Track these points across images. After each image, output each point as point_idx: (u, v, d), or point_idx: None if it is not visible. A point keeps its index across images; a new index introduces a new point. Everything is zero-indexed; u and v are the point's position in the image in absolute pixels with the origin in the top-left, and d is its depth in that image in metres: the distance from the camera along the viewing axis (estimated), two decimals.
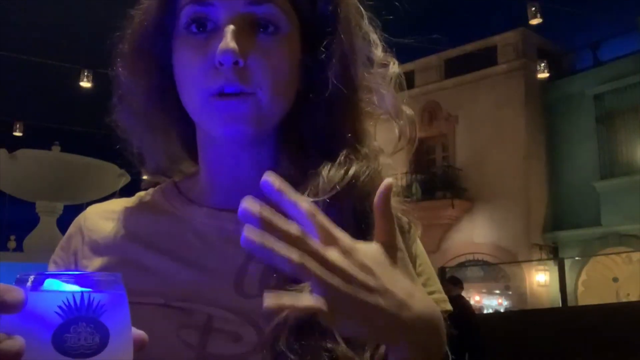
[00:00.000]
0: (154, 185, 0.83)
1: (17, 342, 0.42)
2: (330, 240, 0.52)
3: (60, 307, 0.43)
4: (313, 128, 0.73)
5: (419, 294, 0.57)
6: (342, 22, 0.73)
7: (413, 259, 0.75)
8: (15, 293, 0.43)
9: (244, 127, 0.69)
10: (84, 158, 6.59)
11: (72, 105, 14.86)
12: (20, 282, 0.45)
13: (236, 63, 0.66)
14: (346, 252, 0.52)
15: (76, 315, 0.43)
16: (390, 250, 0.56)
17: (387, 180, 0.56)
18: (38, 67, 13.06)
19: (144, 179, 0.84)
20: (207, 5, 0.68)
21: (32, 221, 6.68)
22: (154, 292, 0.67)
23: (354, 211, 0.67)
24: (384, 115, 0.77)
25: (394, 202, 0.74)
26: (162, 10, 0.73)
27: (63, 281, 0.45)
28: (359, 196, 0.69)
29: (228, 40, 0.65)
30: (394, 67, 0.77)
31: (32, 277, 0.45)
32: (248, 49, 0.67)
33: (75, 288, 0.44)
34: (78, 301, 0.44)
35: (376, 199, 0.55)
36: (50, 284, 0.45)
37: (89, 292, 0.44)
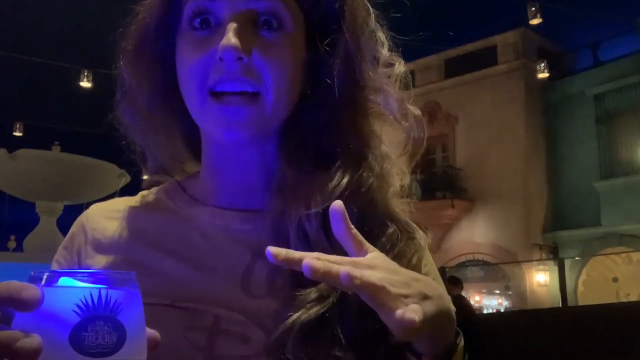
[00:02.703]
0: (156, 184, 0.83)
1: (34, 340, 0.41)
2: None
3: (77, 305, 0.43)
4: (317, 129, 0.72)
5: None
6: (347, 19, 0.71)
7: (419, 263, 0.74)
8: (31, 291, 0.43)
9: (244, 131, 0.68)
10: (84, 158, 6.57)
11: (72, 105, 14.84)
12: (35, 279, 0.44)
13: (240, 59, 0.65)
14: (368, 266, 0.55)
15: (94, 313, 0.43)
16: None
17: (335, 204, 0.57)
18: (38, 67, 13.04)
19: (145, 179, 0.84)
20: (210, 1, 0.68)
21: (32, 221, 6.66)
22: (160, 293, 0.66)
23: (358, 217, 0.66)
24: (390, 116, 0.75)
25: (400, 203, 0.74)
26: (165, 7, 0.72)
27: (78, 279, 0.44)
28: (364, 202, 0.68)
29: (230, 36, 0.65)
30: (400, 67, 0.76)
31: (46, 275, 0.44)
32: (251, 46, 0.66)
33: (92, 286, 0.44)
34: (95, 299, 0.43)
35: (333, 226, 0.57)
36: (65, 281, 0.44)
37: (106, 290, 0.44)
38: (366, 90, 0.73)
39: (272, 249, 0.52)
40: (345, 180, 0.68)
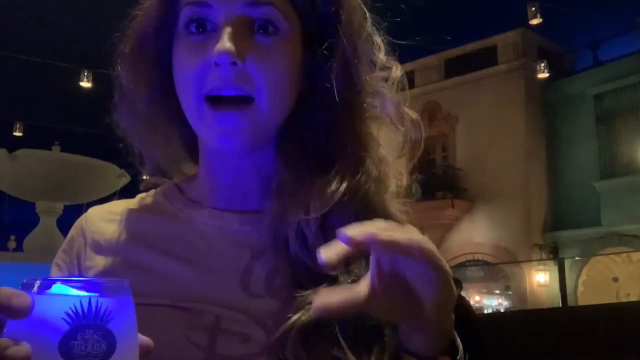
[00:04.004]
0: (154, 186, 0.83)
1: (23, 348, 0.41)
2: None
3: (67, 313, 0.43)
4: (315, 132, 0.72)
5: None
6: (344, 23, 0.72)
7: None
8: (22, 298, 0.43)
9: (239, 138, 0.68)
10: (84, 158, 6.59)
11: (72, 105, 14.85)
12: (27, 286, 0.44)
13: (234, 64, 0.65)
14: None
15: (83, 322, 0.43)
16: None
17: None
18: (38, 67, 13.04)
19: (143, 180, 0.84)
20: (205, 7, 0.68)
21: (32, 221, 6.67)
22: (160, 294, 0.66)
23: (355, 221, 0.66)
24: (387, 119, 0.76)
25: (398, 204, 0.74)
26: (162, 10, 0.73)
27: (70, 287, 0.44)
28: (361, 206, 0.69)
29: (225, 40, 0.65)
30: (397, 71, 0.76)
31: (38, 282, 0.44)
32: (246, 50, 0.66)
33: (83, 294, 0.44)
34: (85, 308, 0.43)
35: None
36: (57, 289, 0.44)
37: (96, 298, 0.44)
38: (363, 94, 0.73)
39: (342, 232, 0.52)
40: (344, 185, 0.69)
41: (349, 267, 0.65)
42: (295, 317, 0.61)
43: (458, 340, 0.62)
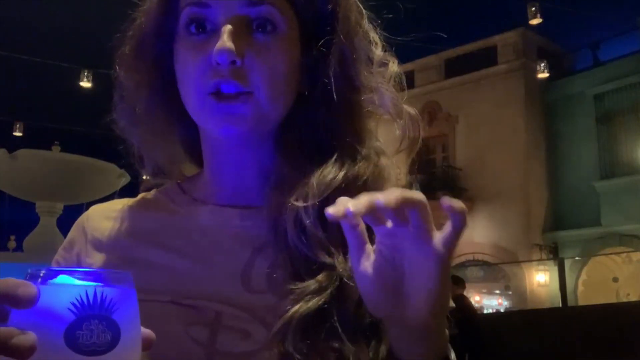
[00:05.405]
0: (154, 187, 0.83)
1: (29, 337, 0.42)
2: None
3: (73, 303, 0.43)
4: (314, 129, 0.73)
5: None
6: (341, 21, 0.73)
7: None
8: (28, 288, 0.43)
9: (241, 127, 0.69)
10: (84, 158, 6.57)
11: (72, 105, 14.86)
12: (32, 277, 0.45)
13: (233, 62, 0.66)
14: None
15: (89, 312, 0.43)
16: None
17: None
18: (38, 67, 13.05)
19: (144, 180, 0.84)
20: (205, 7, 0.69)
21: (32, 221, 6.66)
22: (161, 290, 0.67)
23: None
24: (385, 115, 0.76)
25: None
26: (162, 12, 0.73)
27: (74, 277, 0.45)
28: None
29: (225, 39, 0.66)
30: (394, 66, 0.77)
31: (43, 272, 0.45)
32: (245, 48, 0.67)
33: (88, 284, 0.44)
34: (91, 298, 0.44)
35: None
36: (61, 279, 0.44)
37: (101, 288, 0.44)
38: (361, 91, 0.74)
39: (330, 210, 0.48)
40: (342, 173, 0.69)
41: (347, 255, 0.64)
42: (294, 308, 0.61)
43: (453, 355, 0.62)
